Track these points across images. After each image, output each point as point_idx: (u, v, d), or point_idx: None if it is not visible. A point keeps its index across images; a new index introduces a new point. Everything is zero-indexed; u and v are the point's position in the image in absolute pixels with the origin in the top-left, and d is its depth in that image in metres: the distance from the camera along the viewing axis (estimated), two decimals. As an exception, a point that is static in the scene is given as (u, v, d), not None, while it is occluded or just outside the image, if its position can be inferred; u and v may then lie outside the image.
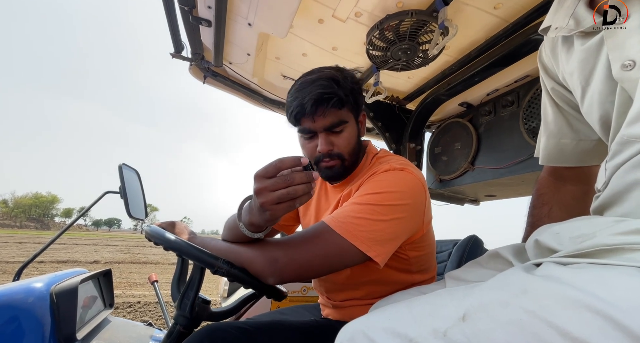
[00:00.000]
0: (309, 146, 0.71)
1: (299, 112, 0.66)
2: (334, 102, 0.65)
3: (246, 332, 0.58)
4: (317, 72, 0.70)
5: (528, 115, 1.28)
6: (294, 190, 0.45)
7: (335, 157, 0.70)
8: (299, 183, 0.46)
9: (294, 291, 1.62)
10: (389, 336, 0.33)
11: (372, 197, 0.59)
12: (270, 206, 0.46)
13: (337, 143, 0.70)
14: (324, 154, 0.69)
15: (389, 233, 0.58)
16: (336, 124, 0.68)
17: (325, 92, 0.65)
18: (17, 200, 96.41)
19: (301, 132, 0.71)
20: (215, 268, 0.52)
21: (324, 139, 0.69)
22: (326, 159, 0.70)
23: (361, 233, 0.55)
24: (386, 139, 1.69)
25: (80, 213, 1.27)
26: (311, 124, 0.68)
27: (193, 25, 1.11)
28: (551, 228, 0.38)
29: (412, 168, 0.66)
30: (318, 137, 0.69)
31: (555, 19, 0.47)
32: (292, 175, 0.46)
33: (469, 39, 1.15)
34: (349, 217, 0.57)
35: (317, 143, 0.69)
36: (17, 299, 0.67)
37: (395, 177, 0.63)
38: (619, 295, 0.23)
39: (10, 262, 8.44)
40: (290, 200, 0.46)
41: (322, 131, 0.68)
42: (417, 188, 0.63)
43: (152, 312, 4.08)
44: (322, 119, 0.67)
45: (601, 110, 0.40)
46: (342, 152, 0.70)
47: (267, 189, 0.46)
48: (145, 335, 1.01)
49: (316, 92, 0.64)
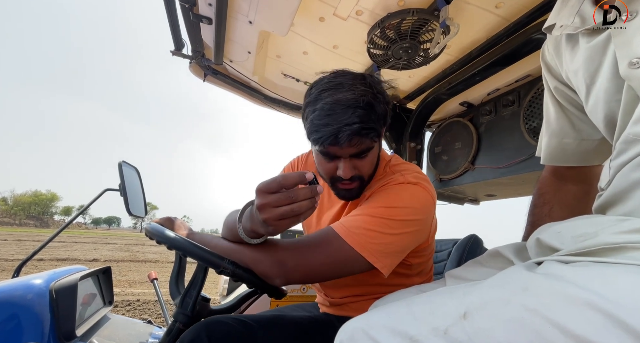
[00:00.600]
0: (328, 166, 0.65)
1: (331, 142, 0.58)
2: (371, 136, 0.59)
3: (245, 324, 0.59)
4: (348, 87, 0.59)
5: (529, 115, 1.28)
6: (298, 206, 0.45)
7: (357, 179, 0.66)
8: (303, 200, 0.45)
9: (293, 290, 1.62)
10: (389, 334, 0.33)
11: (385, 211, 0.59)
12: (273, 222, 0.46)
13: (360, 167, 0.65)
14: (344, 178, 0.65)
15: (398, 247, 0.59)
16: (364, 151, 0.63)
17: (364, 127, 0.57)
18: (17, 197, 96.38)
19: (323, 154, 0.64)
20: (221, 269, 0.53)
21: (348, 164, 0.63)
22: (346, 181, 0.65)
23: (371, 245, 0.56)
24: (386, 138, 1.69)
25: (79, 211, 1.27)
26: (338, 151, 0.61)
27: (193, 22, 1.11)
28: (553, 227, 0.38)
29: (425, 183, 0.65)
30: (340, 161, 0.64)
31: (560, 17, 0.46)
32: (296, 192, 0.45)
33: (470, 38, 1.14)
34: (361, 228, 0.57)
35: (338, 165, 0.64)
36: (16, 296, 0.67)
37: (409, 193, 0.63)
38: (622, 293, 0.23)
39: (9, 259, 8.44)
40: (294, 217, 0.46)
41: (347, 157, 0.63)
42: (428, 204, 0.63)
43: (151, 310, 4.09)
44: (350, 148, 0.61)
45: (606, 108, 0.40)
46: (363, 175, 0.66)
47: (270, 205, 0.45)
48: (144, 332, 1.01)
49: (354, 127, 0.56)
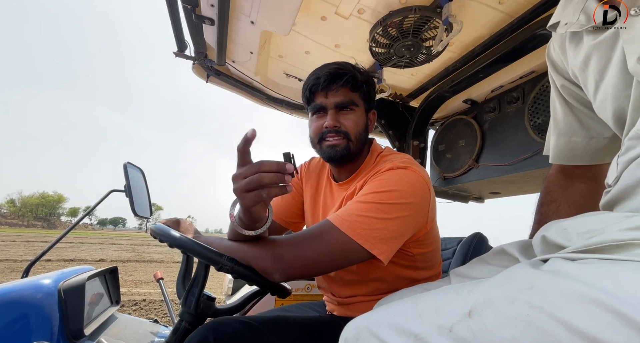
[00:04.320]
0: (316, 123, 0.74)
1: (314, 84, 0.71)
2: (349, 77, 0.70)
3: (251, 326, 0.59)
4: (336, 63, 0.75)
5: (534, 112, 1.26)
6: (259, 177, 0.45)
7: (342, 134, 0.71)
8: (268, 171, 0.46)
9: (298, 289, 1.63)
10: (393, 332, 0.33)
11: (376, 196, 0.60)
12: (240, 193, 0.47)
13: (344, 122, 0.72)
14: (330, 129, 0.71)
15: (393, 232, 0.58)
16: (347, 103, 0.71)
17: (341, 68, 0.71)
18: (25, 199, 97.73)
19: (312, 109, 0.74)
20: (220, 265, 0.53)
21: (333, 115, 0.71)
22: (332, 133, 0.71)
23: (365, 232, 0.56)
24: (389, 136, 1.68)
25: (86, 212, 1.28)
26: (323, 100, 0.72)
27: (196, 23, 1.11)
28: (559, 224, 0.38)
29: (415, 166, 0.66)
30: (327, 115, 0.72)
31: (565, 15, 0.46)
32: (261, 162, 0.46)
33: (474, 34, 1.13)
34: (353, 216, 0.57)
35: (326, 120, 0.72)
36: (26, 295, 0.68)
37: (398, 176, 0.63)
38: (628, 290, 0.23)
39: (18, 260, 8.57)
40: (258, 189, 0.46)
41: (332, 108, 0.72)
42: (420, 187, 0.63)
43: (157, 309, 4.13)
44: (334, 94, 0.71)
45: (615, 105, 0.39)
46: (348, 131, 0.72)
47: (240, 176, 0.47)
48: (151, 331, 1.02)
49: (333, 67, 0.71)
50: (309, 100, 0.74)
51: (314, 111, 0.74)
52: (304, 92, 0.74)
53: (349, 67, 0.73)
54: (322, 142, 0.72)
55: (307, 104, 0.76)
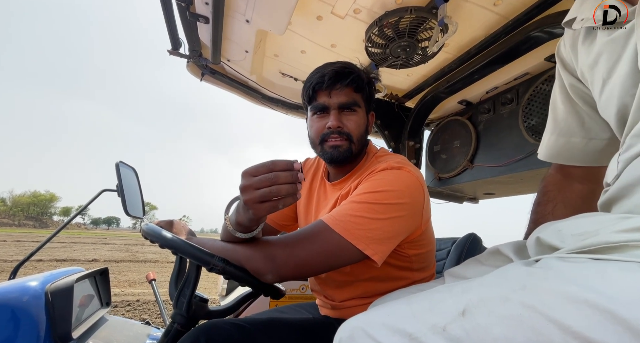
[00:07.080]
0: (318, 124, 0.72)
1: (318, 83, 0.69)
2: (354, 77, 0.69)
3: (243, 329, 0.58)
4: (338, 63, 0.74)
5: (527, 113, 1.28)
6: (277, 189, 0.45)
7: (344, 135, 0.70)
8: (284, 183, 0.45)
9: (292, 290, 1.62)
10: (388, 332, 0.33)
11: (370, 196, 0.59)
12: (253, 204, 0.46)
13: (346, 123, 0.70)
14: (333, 130, 0.70)
15: (387, 232, 0.58)
16: (350, 104, 0.70)
17: (347, 67, 0.70)
18: (16, 198, 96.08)
19: (314, 109, 0.72)
20: (211, 266, 0.52)
21: (336, 115, 0.70)
22: (334, 135, 0.70)
23: (359, 232, 0.55)
24: (385, 137, 1.68)
25: (77, 212, 1.26)
26: (326, 99, 0.70)
27: (190, 21, 1.10)
28: (553, 225, 0.38)
29: (409, 166, 0.66)
30: (330, 115, 0.70)
31: (582, 11, 0.45)
32: (277, 174, 0.46)
33: (469, 36, 1.14)
34: (347, 216, 0.57)
35: (328, 121, 0.70)
36: (11, 298, 0.66)
37: (392, 176, 0.63)
38: (619, 289, 0.23)
39: (8, 260, 8.41)
40: (274, 200, 0.46)
41: (335, 108, 0.70)
42: (414, 187, 0.63)
43: (151, 310, 4.08)
44: (337, 94, 0.69)
45: (620, 103, 0.39)
46: (351, 132, 0.71)
47: (252, 187, 0.46)
48: (142, 333, 1.00)
49: (338, 66, 0.70)
50: (311, 99, 0.72)
51: (315, 111, 0.72)
52: (306, 90, 0.72)
53: (354, 67, 0.72)
54: (324, 143, 0.71)
55: (308, 102, 0.74)
